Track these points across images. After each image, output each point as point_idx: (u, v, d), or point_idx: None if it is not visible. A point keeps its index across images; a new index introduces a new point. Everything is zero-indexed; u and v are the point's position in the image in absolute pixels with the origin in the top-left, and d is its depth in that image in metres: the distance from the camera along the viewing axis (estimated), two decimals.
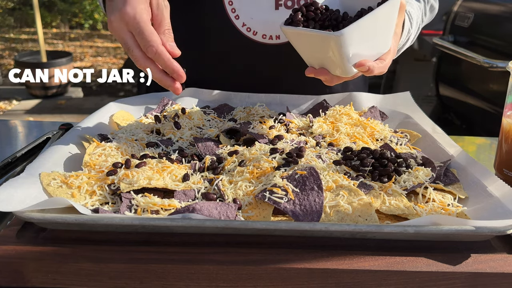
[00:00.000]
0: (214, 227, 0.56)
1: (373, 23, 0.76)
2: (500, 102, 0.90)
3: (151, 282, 0.55)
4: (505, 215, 0.61)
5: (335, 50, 0.75)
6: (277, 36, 1.10)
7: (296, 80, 1.13)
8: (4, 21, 8.63)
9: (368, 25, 0.75)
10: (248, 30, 1.09)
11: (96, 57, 7.49)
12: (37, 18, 5.10)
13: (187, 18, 1.13)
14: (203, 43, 1.14)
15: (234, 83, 1.15)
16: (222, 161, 0.78)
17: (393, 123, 1.05)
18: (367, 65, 0.77)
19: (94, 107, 1.02)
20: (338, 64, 0.78)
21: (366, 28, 0.75)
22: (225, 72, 1.16)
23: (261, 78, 1.15)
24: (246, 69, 1.14)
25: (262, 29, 1.09)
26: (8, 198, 0.59)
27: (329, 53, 0.77)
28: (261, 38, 1.10)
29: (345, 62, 0.77)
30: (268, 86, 1.13)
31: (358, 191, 0.67)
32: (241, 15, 1.08)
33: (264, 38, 1.09)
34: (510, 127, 0.84)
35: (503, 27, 2.69)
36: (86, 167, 0.75)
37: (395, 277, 0.55)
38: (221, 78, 1.16)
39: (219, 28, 1.10)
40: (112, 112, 1.01)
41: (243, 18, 1.08)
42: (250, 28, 1.09)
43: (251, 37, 1.09)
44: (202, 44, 1.14)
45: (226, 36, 1.10)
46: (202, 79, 1.14)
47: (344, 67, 0.78)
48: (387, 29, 0.80)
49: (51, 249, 0.56)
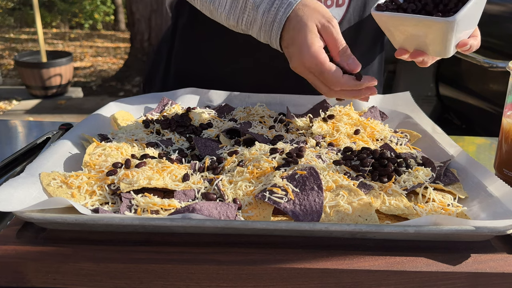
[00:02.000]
0: (214, 227, 0.56)
1: (476, 5, 0.78)
2: (500, 102, 0.90)
3: (151, 282, 0.55)
4: (505, 215, 0.61)
5: (443, 34, 0.77)
6: None
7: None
8: (4, 21, 8.63)
9: (474, 7, 0.78)
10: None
11: (96, 57, 7.49)
12: (37, 18, 5.10)
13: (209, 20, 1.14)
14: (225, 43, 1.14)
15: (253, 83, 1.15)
16: (222, 161, 0.78)
17: (393, 123, 1.05)
18: (469, 44, 0.82)
19: (94, 107, 1.03)
20: (442, 47, 0.80)
21: (473, 11, 0.78)
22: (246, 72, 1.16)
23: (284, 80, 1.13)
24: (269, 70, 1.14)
25: None
26: (8, 198, 0.59)
27: (434, 37, 0.79)
28: None
29: (450, 45, 0.79)
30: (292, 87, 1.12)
31: (358, 191, 0.67)
32: None
33: None
34: (510, 127, 0.84)
35: (503, 27, 2.69)
36: (86, 167, 0.75)
37: (395, 277, 0.55)
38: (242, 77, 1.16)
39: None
40: (112, 112, 1.01)
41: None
42: None
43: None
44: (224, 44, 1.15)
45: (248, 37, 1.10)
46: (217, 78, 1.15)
47: (448, 49, 0.80)
48: (480, 9, 0.82)
49: (51, 249, 0.56)
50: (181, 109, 1.04)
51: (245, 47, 1.13)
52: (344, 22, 1.12)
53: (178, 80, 1.22)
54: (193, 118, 0.98)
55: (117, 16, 9.86)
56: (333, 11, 1.09)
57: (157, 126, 0.94)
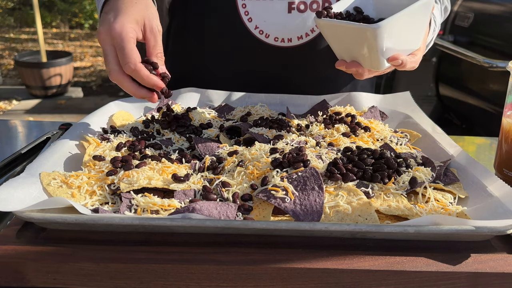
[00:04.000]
0: (214, 227, 0.56)
1: (408, 19, 0.78)
2: (500, 102, 0.90)
3: (151, 282, 0.55)
4: (505, 215, 0.61)
5: (370, 43, 0.77)
6: (289, 39, 1.11)
7: (306, 82, 1.16)
8: (4, 21, 8.63)
9: (404, 20, 0.77)
10: (261, 33, 1.10)
11: (96, 57, 7.49)
12: (37, 18, 5.09)
13: (199, 20, 1.15)
14: (215, 45, 1.16)
15: (244, 84, 1.16)
16: (222, 161, 0.78)
17: (393, 123, 1.05)
18: (400, 59, 0.80)
19: (94, 107, 1.02)
20: (372, 58, 0.80)
21: (402, 23, 0.77)
22: (236, 73, 1.17)
23: (272, 79, 1.16)
24: (257, 70, 1.15)
25: (274, 32, 1.10)
26: (8, 198, 0.59)
27: (363, 46, 0.79)
28: (273, 40, 1.11)
29: (379, 56, 0.79)
30: (278, 88, 1.14)
31: (357, 190, 0.67)
32: (254, 18, 1.09)
33: (276, 40, 1.11)
34: (510, 127, 0.84)
35: (503, 27, 2.69)
36: (86, 167, 0.75)
37: (395, 277, 0.55)
38: (232, 78, 1.17)
39: (232, 30, 1.11)
40: (112, 112, 1.01)
41: (256, 21, 1.09)
42: (263, 31, 1.10)
43: (263, 40, 1.11)
44: (214, 45, 1.16)
45: (238, 38, 1.12)
46: (213, 79, 1.15)
47: (377, 60, 0.80)
48: (420, 26, 0.82)
49: (51, 249, 0.56)
50: (181, 109, 1.04)
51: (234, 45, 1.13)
52: None
53: (173, 80, 1.22)
54: (193, 118, 0.98)
55: None
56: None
57: (157, 126, 0.94)
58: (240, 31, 1.10)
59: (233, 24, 1.10)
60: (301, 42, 1.12)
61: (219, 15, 1.12)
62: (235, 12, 1.09)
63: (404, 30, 0.79)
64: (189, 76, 1.19)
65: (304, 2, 1.08)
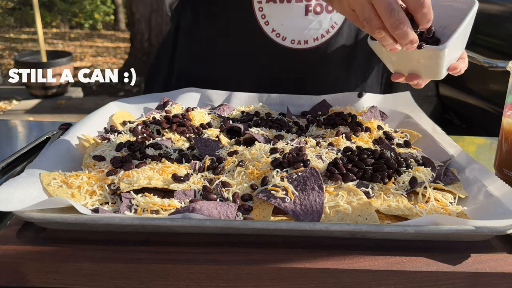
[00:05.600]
0: (214, 227, 0.56)
1: (464, 31, 0.82)
2: (500, 102, 0.90)
3: (151, 282, 0.55)
4: (505, 215, 0.61)
5: (435, 61, 0.81)
6: (305, 41, 1.12)
7: (320, 84, 1.17)
8: (4, 21, 8.63)
9: (462, 33, 0.82)
10: (278, 36, 1.11)
11: (96, 57, 7.49)
12: (37, 18, 5.10)
13: (216, 23, 1.16)
14: (229, 46, 1.17)
15: (258, 85, 1.16)
16: (222, 161, 0.78)
17: (393, 123, 1.05)
18: (459, 68, 0.86)
19: (94, 107, 1.02)
20: (435, 70, 0.84)
21: (461, 36, 0.82)
22: (251, 75, 1.18)
23: (286, 81, 1.17)
24: (271, 71, 1.16)
25: (291, 34, 1.11)
26: (8, 198, 0.59)
27: (427, 63, 0.83)
28: (289, 43, 1.12)
29: (442, 69, 0.83)
30: (291, 89, 1.14)
31: (357, 190, 0.67)
32: (271, 21, 1.10)
33: (292, 43, 1.12)
34: (510, 127, 0.84)
35: (503, 27, 2.69)
36: (86, 167, 0.75)
37: (395, 277, 0.55)
38: (247, 79, 1.17)
39: (248, 33, 1.12)
40: (112, 112, 1.01)
41: (272, 24, 1.10)
42: (280, 33, 1.11)
43: (280, 43, 1.12)
44: (227, 47, 1.17)
45: (254, 41, 1.13)
46: (224, 80, 1.16)
47: (440, 73, 0.85)
48: (468, 32, 0.86)
49: (51, 249, 0.56)
50: (181, 109, 1.04)
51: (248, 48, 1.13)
52: (344, 27, 1.14)
53: (182, 81, 1.22)
54: (193, 118, 0.98)
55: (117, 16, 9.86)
56: (335, 15, 1.12)
57: (157, 126, 0.94)
58: (256, 34, 1.11)
59: (249, 27, 1.11)
60: (317, 44, 1.13)
61: (235, 18, 1.13)
62: (252, 15, 1.10)
63: (459, 42, 0.84)
64: (198, 76, 1.20)
65: (320, 4, 1.09)
